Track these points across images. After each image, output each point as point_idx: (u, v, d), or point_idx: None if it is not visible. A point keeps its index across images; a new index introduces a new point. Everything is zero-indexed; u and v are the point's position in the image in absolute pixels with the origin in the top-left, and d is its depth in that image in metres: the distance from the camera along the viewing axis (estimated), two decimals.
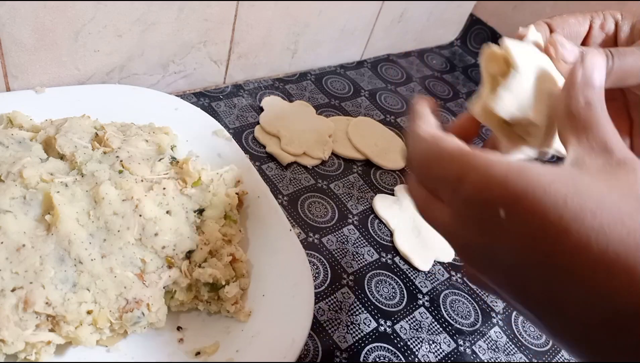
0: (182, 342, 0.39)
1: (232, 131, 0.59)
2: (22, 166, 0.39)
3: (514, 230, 0.21)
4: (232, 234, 0.43)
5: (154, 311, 0.37)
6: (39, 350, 0.34)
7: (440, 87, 0.81)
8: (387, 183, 0.60)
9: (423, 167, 0.26)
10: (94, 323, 0.36)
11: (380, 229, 0.55)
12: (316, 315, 0.45)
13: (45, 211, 0.38)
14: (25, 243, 0.35)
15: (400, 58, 0.84)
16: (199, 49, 0.59)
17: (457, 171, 0.23)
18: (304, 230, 0.51)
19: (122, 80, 0.56)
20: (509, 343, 0.48)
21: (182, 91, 0.62)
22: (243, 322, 0.40)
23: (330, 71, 0.75)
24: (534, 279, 0.21)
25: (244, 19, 0.60)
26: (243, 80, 0.67)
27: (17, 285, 0.34)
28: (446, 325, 0.48)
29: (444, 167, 0.24)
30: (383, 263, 0.51)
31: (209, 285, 0.40)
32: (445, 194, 0.24)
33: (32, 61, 0.48)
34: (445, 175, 0.24)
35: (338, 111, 0.68)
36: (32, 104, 0.47)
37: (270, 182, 0.55)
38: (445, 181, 0.24)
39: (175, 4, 0.53)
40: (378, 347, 0.44)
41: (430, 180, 0.26)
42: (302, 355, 0.42)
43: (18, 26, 0.45)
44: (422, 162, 0.26)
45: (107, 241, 0.38)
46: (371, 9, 0.73)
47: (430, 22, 0.85)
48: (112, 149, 0.43)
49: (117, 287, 0.37)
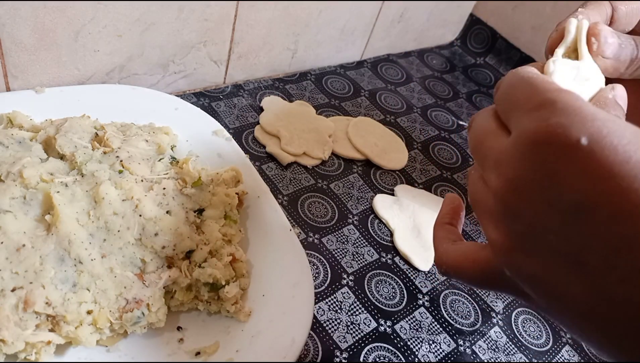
0: (182, 342, 0.39)
1: (232, 131, 0.59)
2: (22, 166, 0.39)
3: (592, 163, 0.18)
4: (232, 234, 0.43)
5: (154, 311, 0.37)
6: (39, 350, 0.34)
7: (440, 87, 0.81)
8: (387, 183, 0.60)
9: (510, 87, 0.24)
10: (94, 323, 0.36)
11: (380, 229, 0.55)
12: (316, 315, 0.45)
13: (45, 211, 0.38)
14: (25, 243, 0.35)
15: (400, 58, 0.84)
16: (199, 49, 0.59)
17: (543, 98, 0.21)
18: (304, 230, 0.51)
19: (122, 80, 0.57)
20: (509, 343, 0.48)
21: (182, 91, 0.62)
22: (243, 322, 0.40)
23: (330, 71, 0.75)
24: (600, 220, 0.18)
25: (244, 19, 0.60)
26: (243, 80, 0.67)
27: (17, 285, 0.34)
28: (446, 325, 0.48)
29: (532, 91, 0.22)
30: (383, 263, 0.51)
31: (209, 285, 0.40)
32: (517, 116, 0.22)
33: (32, 61, 0.48)
34: (529, 98, 0.22)
35: (338, 111, 0.68)
36: (32, 104, 0.47)
37: (270, 182, 0.55)
38: (527, 103, 0.22)
39: (175, 4, 0.53)
40: (378, 347, 0.44)
41: (511, 102, 0.23)
42: (302, 355, 0.42)
43: (18, 26, 0.45)
44: (511, 83, 0.24)
45: (107, 241, 0.38)
46: (371, 9, 0.73)
47: (430, 22, 0.85)
48: (112, 149, 0.43)
49: (117, 287, 0.37)
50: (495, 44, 0.90)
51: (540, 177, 0.20)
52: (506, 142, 0.22)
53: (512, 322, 0.50)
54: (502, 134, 0.23)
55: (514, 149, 0.21)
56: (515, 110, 0.22)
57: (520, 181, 0.21)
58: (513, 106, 0.23)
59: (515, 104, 0.23)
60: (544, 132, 0.20)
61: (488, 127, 0.24)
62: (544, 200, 0.20)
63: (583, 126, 0.19)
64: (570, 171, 0.19)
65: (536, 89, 0.22)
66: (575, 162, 0.19)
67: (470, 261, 0.26)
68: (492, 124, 0.24)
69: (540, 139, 0.20)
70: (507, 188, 0.21)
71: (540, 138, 0.20)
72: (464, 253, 0.26)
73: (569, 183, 0.19)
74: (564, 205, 0.19)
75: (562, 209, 0.19)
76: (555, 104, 0.20)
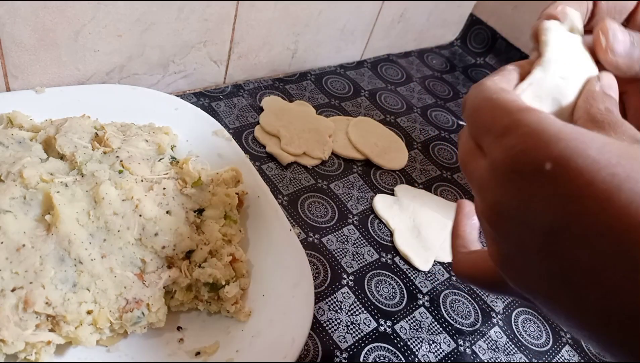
0: (182, 342, 0.39)
1: (232, 131, 0.59)
2: (22, 166, 0.39)
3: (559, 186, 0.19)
4: (232, 234, 0.43)
5: (154, 311, 0.37)
6: (39, 350, 0.34)
7: (440, 87, 0.81)
8: (387, 183, 0.60)
9: (474, 111, 0.24)
10: (94, 323, 0.36)
11: (380, 229, 0.55)
12: (316, 315, 0.45)
13: (45, 211, 0.38)
14: (25, 243, 0.35)
15: (400, 58, 0.84)
16: (199, 49, 0.59)
17: (507, 122, 0.22)
18: (304, 230, 0.51)
19: (122, 80, 0.57)
20: (509, 343, 0.48)
21: (182, 91, 0.62)
22: (243, 321, 0.40)
23: (330, 71, 0.75)
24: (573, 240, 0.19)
25: (244, 19, 0.60)
26: (243, 80, 0.67)
27: (17, 285, 0.34)
28: (446, 325, 0.48)
29: (495, 115, 0.23)
30: (383, 263, 0.51)
31: (209, 285, 0.40)
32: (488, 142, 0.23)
33: (32, 61, 0.48)
34: (493, 122, 0.22)
35: (338, 111, 0.68)
36: (32, 104, 0.47)
37: (270, 182, 0.55)
38: (493, 128, 0.22)
39: (175, 4, 0.53)
40: (378, 347, 0.44)
41: (478, 126, 0.24)
42: (302, 355, 0.42)
43: (18, 26, 0.45)
44: (475, 106, 0.25)
45: (107, 241, 0.38)
46: (371, 9, 0.73)
47: (430, 22, 0.85)
48: (112, 149, 0.43)
49: (117, 287, 0.37)
50: (495, 44, 0.90)
51: (517, 203, 0.21)
52: (484, 166, 0.23)
53: (512, 322, 0.50)
54: (480, 155, 0.24)
55: (491, 176, 0.22)
56: (484, 135, 0.23)
57: (501, 206, 0.22)
58: (481, 130, 0.24)
59: (483, 128, 0.23)
60: (512, 161, 0.21)
61: (468, 148, 0.25)
62: (523, 223, 0.21)
63: (546, 150, 0.20)
64: (540, 197, 0.20)
65: (500, 111, 0.22)
66: (544, 186, 0.19)
67: (480, 271, 0.27)
68: (471, 145, 0.25)
69: (510, 168, 0.21)
70: (491, 212, 0.22)
71: (510, 167, 0.21)
72: (475, 263, 0.28)
73: (540, 208, 0.20)
74: (540, 227, 0.20)
75: (539, 232, 0.20)
76: (518, 128, 0.21)
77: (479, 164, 0.23)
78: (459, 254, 0.30)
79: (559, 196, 0.19)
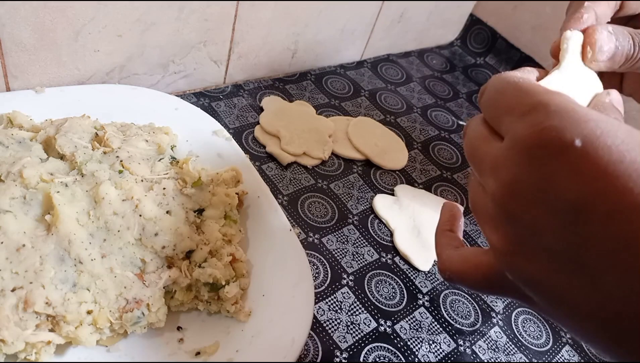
0: (182, 342, 0.39)
1: (232, 131, 0.59)
2: (22, 166, 0.39)
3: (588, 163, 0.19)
4: (232, 234, 0.43)
5: (154, 311, 0.37)
6: (39, 350, 0.34)
7: (440, 87, 0.81)
8: (387, 183, 0.60)
9: (497, 92, 0.24)
10: (94, 323, 0.36)
11: (380, 229, 0.55)
12: (316, 315, 0.45)
13: (45, 211, 0.38)
14: (25, 243, 0.35)
15: (400, 58, 0.84)
16: (199, 49, 0.59)
17: (534, 101, 0.21)
18: (304, 230, 0.51)
19: (122, 80, 0.57)
20: (509, 343, 0.48)
21: (182, 91, 0.62)
22: (243, 322, 0.40)
23: (330, 71, 0.75)
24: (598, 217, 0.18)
25: (244, 19, 0.60)
26: (243, 80, 0.67)
27: (17, 285, 0.34)
28: (446, 325, 0.48)
29: (521, 95, 0.22)
30: (383, 263, 0.51)
31: (209, 285, 0.40)
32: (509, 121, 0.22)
33: (32, 61, 0.48)
34: (518, 102, 0.22)
35: (338, 111, 0.68)
36: (32, 104, 0.47)
37: (270, 182, 0.55)
38: (517, 107, 0.22)
39: (175, 4, 0.53)
40: (378, 347, 0.44)
41: (499, 107, 0.24)
42: (302, 355, 0.42)
43: (18, 26, 0.45)
44: (498, 88, 0.24)
45: (107, 241, 0.38)
46: (371, 9, 0.73)
47: (430, 22, 0.85)
48: (112, 149, 0.43)
49: (117, 287, 0.37)
50: (495, 44, 0.90)
51: (537, 180, 0.20)
52: (501, 147, 0.22)
53: (512, 322, 0.50)
54: (495, 139, 0.23)
55: (509, 153, 0.21)
56: (506, 115, 0.23)
57: (517, 184, 0.21)
58: (503, 111, 0.23)
59: (505, 109, 0.23)
60: (539, 136, 0.20)
61: (481, 134, 0.25)
62: (541, 202, 0.20)
63: (577, 128, 0.19)
64: (565, 173, 0.19)
65: (526, 92, 0.22)
66: (570, 163, 0.19)
67: (472, 266, 0.26)
68: (484, 131, 0.25)
69: (535, 143, 0.20)
70: (505, 192, 0.22)
71: (535, 142, 0.20)
72: (466, 259, 0.27)
73: (564, 185, 0.19)
74: (561, 206, 0.19)
75: (559, 211, 0.19)
76: (547, 106, 0.21)
77: (493, 147, 0.23)
78: (447, 251, 0.29)
79: (587, 172, 0.19)
